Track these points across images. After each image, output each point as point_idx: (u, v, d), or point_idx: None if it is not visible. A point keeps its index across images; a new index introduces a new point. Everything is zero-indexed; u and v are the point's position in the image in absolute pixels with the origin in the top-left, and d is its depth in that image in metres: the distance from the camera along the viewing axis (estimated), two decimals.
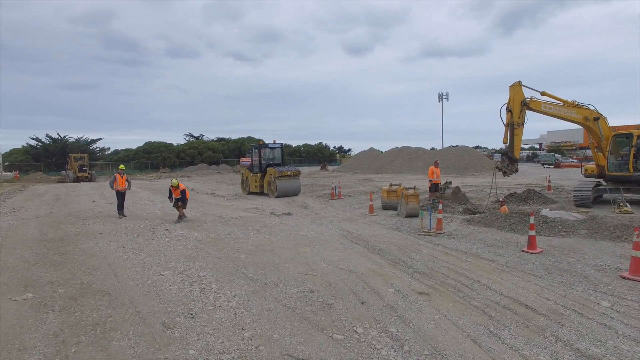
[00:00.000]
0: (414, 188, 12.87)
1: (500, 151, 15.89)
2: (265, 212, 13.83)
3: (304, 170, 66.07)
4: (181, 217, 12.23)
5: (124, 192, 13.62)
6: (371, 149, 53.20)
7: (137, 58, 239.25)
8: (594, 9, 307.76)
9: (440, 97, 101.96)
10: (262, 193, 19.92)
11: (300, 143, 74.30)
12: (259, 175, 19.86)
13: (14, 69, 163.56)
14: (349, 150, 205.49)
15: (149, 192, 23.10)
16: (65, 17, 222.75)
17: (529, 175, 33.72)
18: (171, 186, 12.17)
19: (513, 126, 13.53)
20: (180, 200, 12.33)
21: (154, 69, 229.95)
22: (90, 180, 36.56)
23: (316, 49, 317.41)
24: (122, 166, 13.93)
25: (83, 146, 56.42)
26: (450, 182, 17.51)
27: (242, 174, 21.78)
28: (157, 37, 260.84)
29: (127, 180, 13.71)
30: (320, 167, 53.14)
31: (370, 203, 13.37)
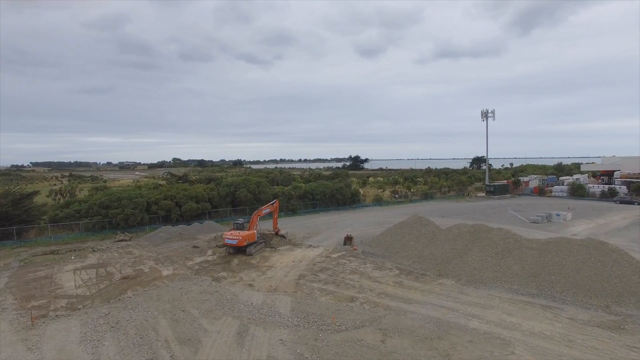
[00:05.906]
0: None
1: None
2: None
3: (317, 221, 47.95)
4: None
5: None
6: (418, 218, 36.45)
7: (150, 62, 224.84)
8: (617, 6, 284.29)
9: (485, 114, 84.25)
10: None
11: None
12: None
13: (33, 74, 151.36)
14: (366, 160, 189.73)
15: None
16: (79, 23, 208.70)
17: None
18: None
19: None
20: None
21: (167, 73, 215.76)
22: None
23: (328, 51, 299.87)
24: None
25: (16, 202, 40.77)
26: None
27: None
28: (170, 41, 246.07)
29: None
30: (344, 241, 36.70)
31: None
